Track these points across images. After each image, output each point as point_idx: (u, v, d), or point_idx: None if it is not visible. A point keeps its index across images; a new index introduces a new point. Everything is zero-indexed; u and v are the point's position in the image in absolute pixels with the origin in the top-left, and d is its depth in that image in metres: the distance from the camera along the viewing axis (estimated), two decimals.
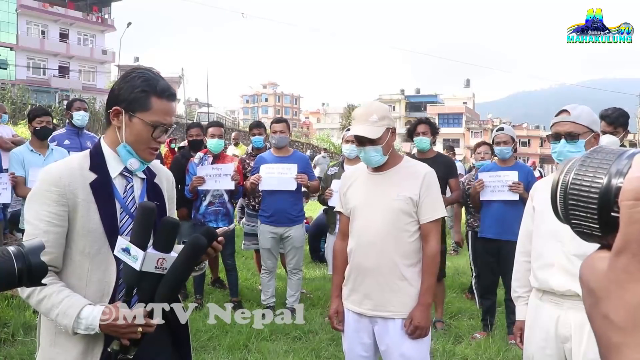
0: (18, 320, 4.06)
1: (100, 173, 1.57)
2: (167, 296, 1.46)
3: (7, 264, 1.07)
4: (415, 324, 2.25)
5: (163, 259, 1.42)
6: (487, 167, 4.58)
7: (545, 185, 2.31)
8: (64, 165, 1.58)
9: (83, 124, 4.88)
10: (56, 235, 1.49)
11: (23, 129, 15.52)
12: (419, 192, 2.29)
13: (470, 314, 4.93)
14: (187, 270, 1.46)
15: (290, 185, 4.47)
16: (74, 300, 1.45)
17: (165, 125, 1.60)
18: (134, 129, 1.58)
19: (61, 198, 1.49)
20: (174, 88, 1.69)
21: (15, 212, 5.20)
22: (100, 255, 1.52)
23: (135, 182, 1.66)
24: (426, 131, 4.46)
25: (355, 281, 2.38)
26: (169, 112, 1.61)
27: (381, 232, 2.29)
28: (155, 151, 1.64)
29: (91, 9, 40.84)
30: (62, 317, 1.43)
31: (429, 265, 2.31)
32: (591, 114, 2.15)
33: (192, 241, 1.43)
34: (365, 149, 2.31)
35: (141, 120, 1.56)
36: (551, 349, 2.18)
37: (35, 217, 1.50)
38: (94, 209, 1.52)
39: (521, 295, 2.38)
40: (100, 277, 1.53)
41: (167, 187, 1.78)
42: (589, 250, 2.04)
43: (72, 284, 1.51)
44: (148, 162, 1.66)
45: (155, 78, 1.61)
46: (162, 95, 1.58)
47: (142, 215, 1.44)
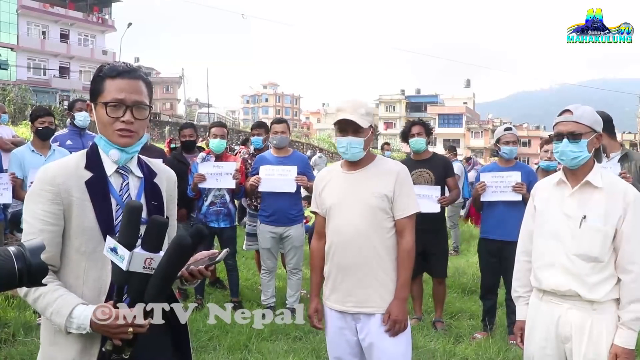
0: (18, 320, 4.06)
1: (95, 171, 1.58)
2: (156, 297, 1.43)
3: (8, 264, 1.07)
4: (393, 318, 2.30)
5: (151, 259, 1.39)
6: (488, 167, 4.54)
7: (546, 185, 2.31)
8: (60, 164, 1.59)
9: (85, 125, 4.91)
10: (51, 234, 1.51)
11: (23, 129, 15.54)
12: (393, 189, 2.35)
13: (470, 314, 4.92)
14: (172, 271, 1.43)
15: (290, 187, 4.48)
16: (67, 299, 1.46)
17: (119, 101, 1.55)
18: (98, 117, 1.59)
19: (56, 197, 1.50)
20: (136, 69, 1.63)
21: (16, 212, 5.19)
22: (97, 254, 1.52)
23: (132, 180, 1.64)
24: (421, 132, 4.46)
25: (336, 279, 2.41)
26: (124, 89, 1.56)
27: (359, 229, 2.33)
28: (128, 133, 1.58)
29: (92, 9, 40.87)
30: (55, 315, 1.45)
31: (404, 260, 2.36)
32: (594, 114, 2.15)
33: (175, 241, 1.40)
34: (349, 137, 2.35)
35: (100, 103, 1.57)
36: (551, 349, 2.18)
37: (32, 215, 1.52)
38: (89, 208, 1.53)
39: (522, 295, 2.38)
40: (97, 276, 1.53)
41: (168, 187, 1.76)
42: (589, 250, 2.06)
43: (69, 283, 1.52)
44: (128, 149, 1.60)
45: (113, 65, 1.61)
46: (113, 75, 1.57)
47: (129, 214, 1.42)
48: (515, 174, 4.08)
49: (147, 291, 1.42)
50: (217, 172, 4.63)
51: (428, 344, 4.01)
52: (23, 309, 4.36)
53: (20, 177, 4.19)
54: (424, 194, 4.13)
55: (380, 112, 66.04)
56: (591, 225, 2.06)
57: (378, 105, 67.18)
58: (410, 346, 2.43)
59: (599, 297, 2.05)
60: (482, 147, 58.51)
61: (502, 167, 4.30)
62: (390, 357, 2.33)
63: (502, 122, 60.83)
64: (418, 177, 4.36)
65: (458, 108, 61.53)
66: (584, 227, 2.08)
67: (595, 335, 2.06)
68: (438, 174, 4.42)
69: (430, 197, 4.23)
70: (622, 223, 2.04)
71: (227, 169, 4.63)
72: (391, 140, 23.67)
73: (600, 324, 2.06)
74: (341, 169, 2.48)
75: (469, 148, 55.31)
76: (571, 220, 2.11)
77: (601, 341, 2.05)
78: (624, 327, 2.03)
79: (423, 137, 4.46)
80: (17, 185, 4.13)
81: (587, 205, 2.10)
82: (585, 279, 2.06)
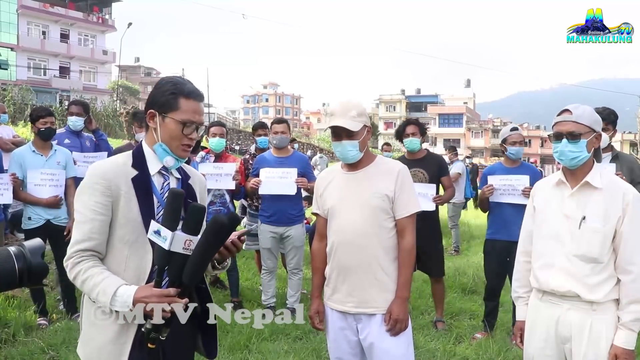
0: (19, 320, 4.06)
1: (140, 170, 1.76)
2: (194, 274, 1.57)
3: (8, 264, 1.08)
4: (394, 317, 2.30)
5: (190, 241, 1.54)
6: (494, 168, 4.49)
7: (546, 185, 2.31)
8: (110, 162, 1.77)
9: (76, 129, 5.00)
10: (101, 223, 1.67)
11: (23, 129, 15.54)
12: (394, 189, 2.35)
13: (470, 314, 4.92)
14: (210, 249, 1.56)
15: (290, 190, 4.47)
16: (112, 280, 1.61)
17: (195, 123, 1.77)
18: (167, 128, 1.76)
19: (106, 190, 1.67)
20: (203, 94, 1.85)
21: (16, 213, 5.19)
22: (138, 244, 1.69)
23: (171, 181, 1.83)
24: (415, 132, 4.46)
25: (337, 280, 2.42)
26: (197, 111, 1.78)
27: (360, 229, 2.34)
28: (189, 148, 1.80)
29: (92, 9, 40.87)
30: (101, 295, 1.59)
31: (405, 259, 2.37)
32: (593, 114, 2.15)
33: (213, 220, 1.53)
34: (342, 142, 2.35)
35: (172, 119, 1.75)
36: (551, 350, 2.18)
37: (83, 206, 1.68)
38: (134, 201, 1.70)
39: (521, 295, 2.38)
40: (137, 264, 1.69)
41: (200, 190, 1.95)
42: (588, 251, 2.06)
43: (112, 269, 1.67)
44: (182, 159, 1.83)
45: (182, 82, 1.79)
46: (190, 96, 1.76)
47: (172, 200, 1.58)
48: (524, 178, 4.03)
49: (186, 270, 1.55)
50: (216, 173, 4.63)
51: (428, 343, 4.01)
52: (23, 309, 4.36)
53: (20, 177, 4.18)
54: (419, 192, 4.14)
55: (381, 112, 66.06)
56: (590, 226, 2.06)
57: (378, 105, 67.20)
58: (411, 346, 2.43)
59: (598, 298, 2.05)
60: (482, 147, 58.52)
61: (507, 167, 4.26)
62: (391, 357, 2.33)
63: (502, 122, 60.86)
64: (413, 177, 4.35)
65: (458, 108, 61.53)
66: (583, 227, 2.07)
67: (594, 336, 2.06)
68: (432, 173, 4.42)
69: (426, 195, 4.23)
70: (622, 224, 2.04)
71: (227, 169, 4.64)
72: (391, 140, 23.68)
73: (600, 325, 2.06)
74: (342, 170, 2.48)
75: (469, 148, 55.31)
76: (570, 221, 2.11)
77: (601, 342, 2.05)
78: (624, 328, 2.03)
79: (417, 137, 4.46)
80: (16, 186, 4.13)
81: (587, 205, 2.09)
82: (584, 279, 2.06)
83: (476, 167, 14.05)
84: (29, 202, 4.19)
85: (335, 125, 2.33)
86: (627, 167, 3.64)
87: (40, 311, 4.24)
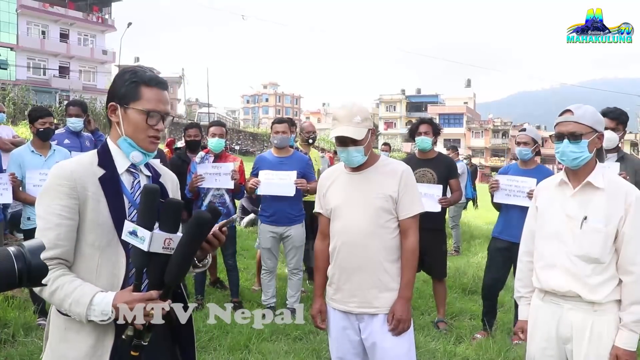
0: (18, 320, 4.05)
1: (108, 169, 1.62)
2: (176, 276, 1.47)
3: (8, 264, 1.07)
4: (398, 317, 2.31)
5: (170, 239, 1.43)
6: (508, 168, 4.44)
7: (548, 186, 2.30)
8: (75, 161, 1.63)
9: (76, 130, 5.00)
10: (68, 228, 1.52)
11: (23, 129, 15.53)
12: (398, 190, 2.35)
13: (471, 314, 4.92)
14: (193, 246, 1.46)
15: (289, 192, 4.46)
16: (85, 288, 1.47)
17: (159, 112, 1.64)
18: (130, 121, 1.63)
19: (72, 191, 1.53)
20: (166, 81, 1.73)
21: (15, 213, 5.19)
22: (110, 248, 1.55)
23: (142, 179, 1.69)
24: (428, 131, 4.47)
25: (340, 280, 2.42)
26: (161, 100, 1.65)
27: (363, 230, 2.34)
28: (156, 140, 1.67)
29: (91, 9, 40.85)
30: (75, 305, 1.45)
31: (408, 260, 2.37)
32: (595, 114, 2.14)
33: (195, 215, 1.44)
34: (348, 149, 2.35)
35: (134, 109, 1.62)
36: (552, 350, 2.17)
37: (47, 211, 1.53)
38: (103, 203, 1.56)
39: (524, 295, 2.37)
40: (110, 270, 1.55)
41: (172, 189, 1.82)
42: (590, 251, 2.05)
43: (83, 278, 1.52)
44: (150, 153, 1.69)
45: (142, 70, 1.67)
46: (151, 84, 1.63)
47: (146, 197, 1.46)
48: (531, 181, 3.96)
49: (168, 270, 1.45)
50: (215, 173, 4.62)
51: (429, 344, 4.00)
52: (23, 309, 4.35)
53: (19, 177, 4.17)
54: (425, 193, 4.13)
55: (381, 112, 66.03)
56: (592, 226, 2.06)
57: (378, 105, 67.16)
58: (413, 346, 2.43)
59: (600, 299, 2.04)
60: (482, 147, 58.50)
61: (522, 169, 4.20)
62: (393, 357, 2.33)
63: (502, 122, 60.85)
64: (421, 177, 4.36)
65: (458, 108, 61.51)
66: (585, 228, 2.07)
67: (596, 337, 2.05)
68: (441, 174, 4.41)
69: (432, 195, 4.22)
70: (624, 224, 2.03)
71: (226, 169, 4.63)
72: (391, 140, 23.68)
73: (601, 325, 2.05)
74: (345, 170, 2.48)
75: (470, 148, 55.30)
76: (572, 221, 2.11)
77: (602, 342, 2.05)
78: (625, 329, 2.02)
79: (430, 136, 4.46)
80: (15, 186, 4.12)
81: (589, 206, 2.09)
82: (586, 280, 2.06)
83: (475, 167, 14.10)
84: (28, 203, 4.18)
85: (341, 135, 2.32)
86: (632, 169, 3.64)
87: (39, 311, 4.23)
